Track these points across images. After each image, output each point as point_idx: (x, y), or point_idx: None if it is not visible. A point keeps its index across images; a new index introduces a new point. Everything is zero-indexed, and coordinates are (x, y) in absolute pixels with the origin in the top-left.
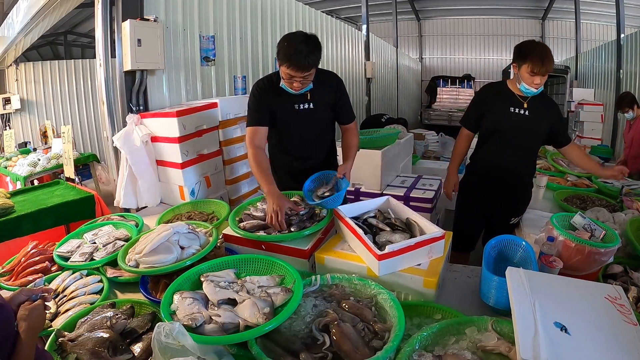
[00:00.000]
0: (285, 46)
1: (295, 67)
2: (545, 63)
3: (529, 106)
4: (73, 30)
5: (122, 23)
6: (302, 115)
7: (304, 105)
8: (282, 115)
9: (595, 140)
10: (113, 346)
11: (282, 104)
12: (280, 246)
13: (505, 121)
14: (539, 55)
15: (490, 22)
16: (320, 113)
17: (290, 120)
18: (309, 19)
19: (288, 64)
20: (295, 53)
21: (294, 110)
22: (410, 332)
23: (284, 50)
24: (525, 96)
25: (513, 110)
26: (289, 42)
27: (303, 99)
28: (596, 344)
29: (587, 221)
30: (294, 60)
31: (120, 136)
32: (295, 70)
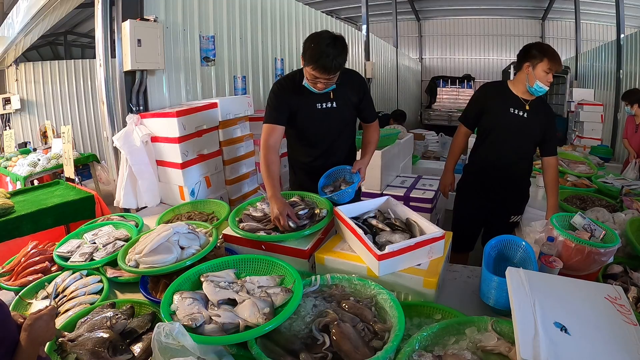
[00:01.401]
0: (312, 47)
1: (321, 69)
2: (559, 61)
3: (529, 109)
4: (73, 30)
5: (122, 23)
6: (324, 114)
7: (327, 104)
8: (303, 114)
9: (595, 140)
10: (113, 346)
11: (304, 102)
12: (280, 246)
13: (504, 121)
14: (553, 54)
15: (490, 22)
16: (343, 112)
17: (311, 119)
18: (309, 19)
19: (314, 66)
20: (322, 56)
21: (316, 109)
22: (410, 332)
23: (311, 51)
24: (528, 99)
25: (512, 112)
26: (315, 44)
27: (326, 98)
28: (596, 344)
29: (587, 221)
30: (320, 62)
31: (120, 136)
32: (321, 73)
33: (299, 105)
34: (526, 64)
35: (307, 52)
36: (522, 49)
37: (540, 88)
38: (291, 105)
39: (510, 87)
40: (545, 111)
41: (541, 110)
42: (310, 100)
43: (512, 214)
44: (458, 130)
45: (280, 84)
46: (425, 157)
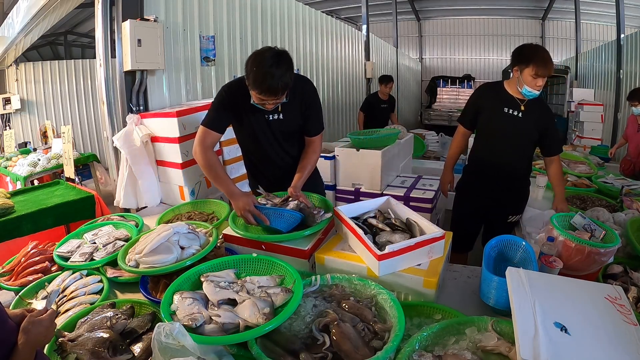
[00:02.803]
0: (255, 71)
1: (267, 93)
2: (548, 66)
3: (525, 109)
4: (73, 30)
5: (122, 23)
6: (273, 125)
7: (274, 116)
8: (252, 124)
9: (596, 140)
10: (113, 346)
11: (253, 113)
12: (281, 246)
13: (499, 121)
14: (542, 59)
15: (490, 22)
16: (292, 123)
17: (261, 129)
18: (309, 19)
19: (259, 91)
20: (266, 78)
21: (264, 119)
22: (410, 332)
23: (254, 75)
24: (523, 99)
25: (507, 111)
26: (257, 67)
27: (274, 110)
28: (596, 344)
29: (587, 221)
30: (265, 86)
31: (120, 136)
32: (267, 96)
33: (247, 114)
34: (515, 68)
35: (249, 76)
36: (515, 50)
37: (528, 93)
38: (238, 113)
39: (506, 87)
40: (543, 111)
41: (538, 110)
42: (259, 111)
43: (510, 214)
44: (457, 130)
45: (229, 88)
46: (425, 157)
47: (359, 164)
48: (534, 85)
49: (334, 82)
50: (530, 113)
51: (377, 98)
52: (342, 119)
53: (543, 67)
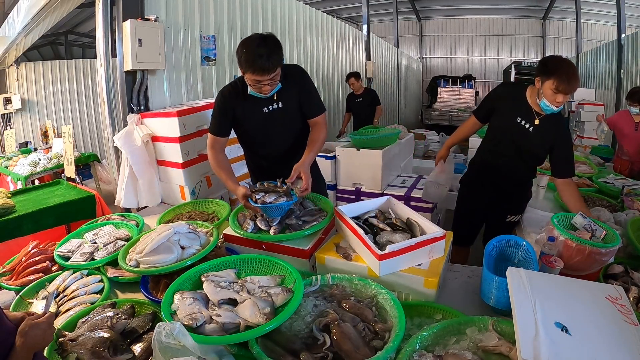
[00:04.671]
0: (245, 52)
1: (259, 71)
2: (572, 82)
3: (539, 124)
4: (74, 30)
5: (122, 23)
6: (272, 117)
7: (273, 106)
8: (251, 121)
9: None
10: (113, 346)
11: (250, 108)
12: (281, 246)
13: (508, 128)
14: (566, 73)
15: (491, 22)
16: (290, 111)
17: (260, 124)
18: (310, 19)
19: (252, 70)
20: (256, 58)
21: (262, 112)
22: (410, 332)
23: (245, 57)
24: (540, 112)
25: (519, 122)
26: (247, 48)
27: (271, 100)
28: (597, 344)
29: (588, 221)
30: (257, 65)
31: (121, 136)
32: (261, 75)
33: (245, 112)
34: (537, 78)
35: (241, 58)
36: (541, 59)
37: (547, 107)
38: (235, 114)
39: (527, 95)
40: (557, 130)
41: (551, 128)
42: (255, 105)
43: (509, 214)
44: (469, 118)
45: (222, 94)
46: (426, 156)
47: (360, 163)
48: (553, 101)
49: (334, 82)
50: (543, 129)
51: (351, 95)
52: (342, 118)
53: (566, 82)
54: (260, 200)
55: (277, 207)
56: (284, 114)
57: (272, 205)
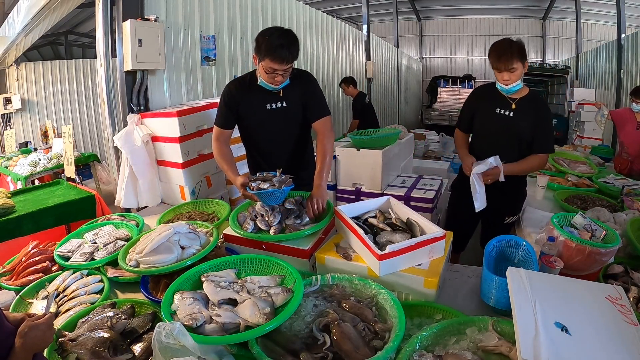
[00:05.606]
0: (267, 40)
1: (279, 59)
2: (502, 57)
3: (516, 107)
4: (74, 30)
5: (122, 23)
6: (273, 114)
7: (277, 104)
8: (253, 116)
9: (596, 140)
10: (113, 346)
11: (253, 104)
12: (281, 246)
13: (491, 122)
14: (495, 51)
15: (491, 22)
16: (293, 111)
17: (261, 120)
18: (310, 19)
19: (272, 58)
20: (278, 46)
21: (265, 109)
22: (410, 332)
23: (266, 44)
24: (514, 97)
25: (499, 112)
26: (269, 37)
27: (275, 98)
28: (597, 344)
29: (588, 221)
30: (277, 53)
31: (120, 136)
32: (279, 63)
33: (248, 107)
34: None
35: (261, 46)
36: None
37: (502, 88)
38: (240, 108)
39: (498, 88)
40: (536, 109)
41: (530, 109)
42: (260, 101)
43: (507, 215)
44: (455, 135)
45: (229, 87)
46: (426, 156)
47: (360, 163)
48: (502, 80)
49: (335, 82)
50: (522, 112)
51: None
52: (342, 118)
53: (496, 59)
54: (256, 188)
55: (272, 194)
56: (286, 113)
57: (267, 191)
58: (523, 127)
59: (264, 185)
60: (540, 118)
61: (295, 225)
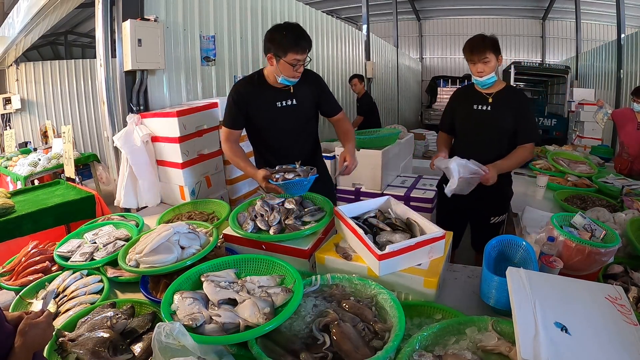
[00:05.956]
0: (286, 35)
1: (301, 49)
2: (474, 49)
3: (493, 101)
4: (73, 30)
5: (122, 23)
6: (284, 112)
7: (287, 102)
8: (263, 114)
9: (596, 140)
10: (113, 346)
11: (263, 102)
12: (281, 246)
13: (470, 119)
14: (470, 44)
15: (491, 22)
16: (303, 109)
17: (272, 118)
18: (309, 19)
19: (296, 50)
20: (298, 38)
21: (276, 107)
22: (410, 332)
23: (287, 38)
24: (490, 92)
25: (476, 108)
26: (287, 30)
27: (286, 96)
28: (596, 344)
29: (588, 221)
30: (300, 44)
31: (120, 136)
32: (302, 53)
33: (259, 106)
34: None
35: (282, 42)
36: None
37: (477, 81)
38: (249, 108)
39: (474, 86)
40: (513, 100)
41: (508, 101)
42: (270, 100)
43: (492, 214)
44: (439, 136)
45: (237, 87)
46: (425, 156)
47: (360, 163)
48: (476, 72)
49: (334, 81)
50: (499, 105)
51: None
52: None
53: (469, 51)
54: (282, 178)
55: (298, 183)
56: (296, 111)
57: (294, 181)
58: (502, 120)
59: (289, 176)
60: (520, 108)
61: (295, 225)
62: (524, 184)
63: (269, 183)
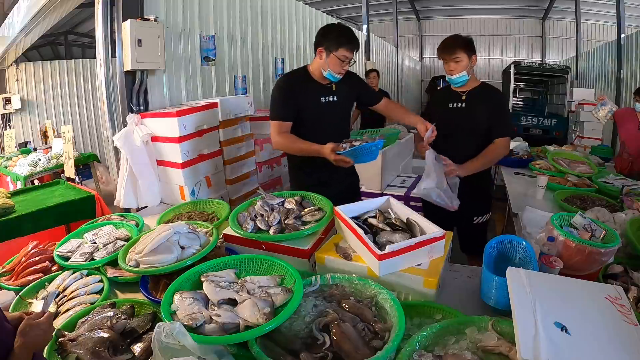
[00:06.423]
0: (340, 32)
1: (353, 47)
2: (445, 49)
3: (466, 99)
4: (73, 30)
5: (122, 23)
6: (328, 107)
7: (329, 98)
8: (309, 109)
9: (596, 140)
10: (113, 346)
11: (310, 97)
12: (281, 246)
13: (446, 117)
14: (443, 44)
15: (491, 22)
16: (343, 105)
17: (316, 113)
18: (309, 19)
19: (349, 47)
20: (353, 37)
21: (320, 102)
22: (410, 332)
23: (341, 35)
24: (463, 90)
25: (452, 106)
26: (340, 29)
27: (329, 92)
28: (596, 344)
29: (588, 221)
30: (353, 42)
31: (120, 136)
32: (351, 51)
33: (306, 100)
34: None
35: (336, 37)
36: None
37: (451, 80)
38: (298, 100)
39: (450, 84)
40: (489, 97)
41: (482, 98)
42: (315, 94)
43: (475, 214)
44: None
45: (286, 79)
46: None
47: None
48: (447, 70)
49: None
50: (474, 102)
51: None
52: None
53: (442, 51)
54: (350, 145)
55: (368, 149)
56: (336, 107)
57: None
58: (477, 116)
59: (356, 143)
60: (494, 105)
61: (295, 225)
62: (524, 184)
63: (337, 155)
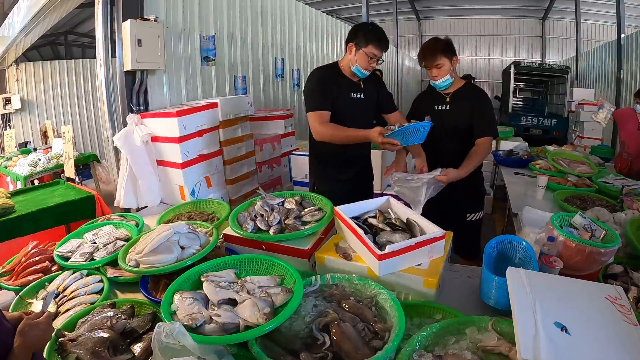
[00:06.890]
0: (371, 30)
1: (382, 46)
2: (426, 56)
3: (450, 100)
4: (73, 30)
5: (122, 23)
6: (356, 103)
7: (357, 94)
8: (340, 103)
9: (596, 140)
10: (113, 346)
11: (342, 89)
12: (281, 246)
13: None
14: (422, 51)
15: (491, 22)
16: (369, 103)
17: (345, 107)
18: (309, 19)
19: (377, 45)
20: (383, 36)
21: (349, 97)
22: (410, 332)
23: (372, 32)
24: (447, 92)
25: (436, 108)
26: (372, 27)
27: (357, 88)
28: (596, 344)
29: (588, 221)
30: (383, 41)
31: (120, 136)
32: (380, 49)
33: (338, 90)
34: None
35: (366, 34)
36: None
37: (435, 84)
38: (332, 92)
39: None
40: (472, 97)
41: (466, 98)
42: (346, 89)
43: (467, 212)
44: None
45: (321, 71)
46: None
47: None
48: (431, 76)
49: None
50: (457, 103)
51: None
52: None
53: (422, 58)
54: (398, 126)
55: (415, 130)
56: (363, 105)
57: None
58: (461, 117)
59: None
60: (477, 104)
61: (295, 225)
62: (524, 184)
63: (384, 138)
